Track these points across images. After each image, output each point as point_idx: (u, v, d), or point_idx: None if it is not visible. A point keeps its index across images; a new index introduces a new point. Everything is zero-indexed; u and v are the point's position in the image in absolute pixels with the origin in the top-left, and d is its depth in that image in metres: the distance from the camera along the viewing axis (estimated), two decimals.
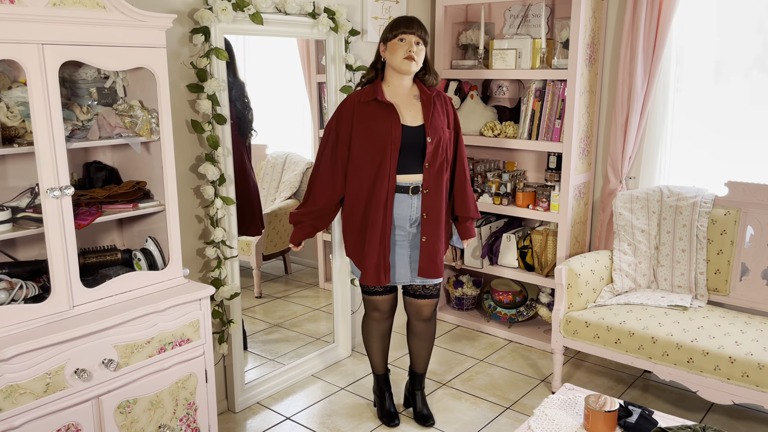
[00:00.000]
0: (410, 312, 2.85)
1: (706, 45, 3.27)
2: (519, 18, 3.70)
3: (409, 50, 2.53)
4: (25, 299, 1.99)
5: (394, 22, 2.58)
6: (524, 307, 3.86)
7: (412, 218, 2.63)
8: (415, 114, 2.61)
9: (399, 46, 2.54)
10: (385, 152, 2.54)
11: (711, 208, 3.12)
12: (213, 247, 2.77)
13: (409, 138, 2.57)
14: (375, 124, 2.55)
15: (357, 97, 2.61)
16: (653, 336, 2.80)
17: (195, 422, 2.34)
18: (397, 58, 2.54)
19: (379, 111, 2.57)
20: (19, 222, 2.00)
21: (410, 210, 2.62)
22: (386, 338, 2.92)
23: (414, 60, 2.54)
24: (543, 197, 3.54)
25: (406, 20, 2.56)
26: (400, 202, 2.61)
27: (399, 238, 2.66)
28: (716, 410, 3.03)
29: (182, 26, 2.59)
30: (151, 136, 2.21)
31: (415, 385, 2.96)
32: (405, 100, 2.62)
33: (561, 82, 3.40)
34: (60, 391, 1.93)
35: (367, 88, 2.63)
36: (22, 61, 1.81)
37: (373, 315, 2.85)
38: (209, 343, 2.35)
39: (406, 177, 2.60)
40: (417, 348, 2.90)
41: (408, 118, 2.60)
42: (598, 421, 1.95)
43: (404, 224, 2.64)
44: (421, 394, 2.95)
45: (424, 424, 2.89)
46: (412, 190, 2.60)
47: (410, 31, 2.53)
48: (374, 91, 2.58)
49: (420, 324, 2.84)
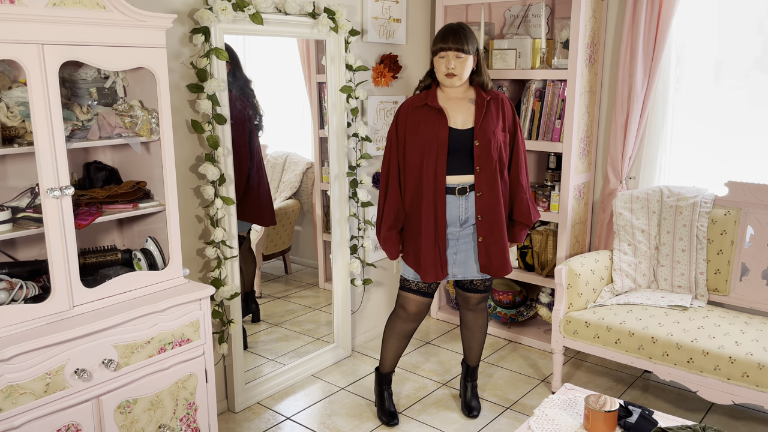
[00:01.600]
0: (460, 302, 2.96)
1: (706, 45, 3.27)
2: (519, 18, 3.70)
3: (447, 67, 2.57)
4: (25, 299, 1.99)
5: (437, 35, 2.61)
6: (524, 307, 3.86)
7: (462, 218, 2.67)
8: (467, 117, 2.65)
9: (440, 62, 2.59)
10: (432, 154, 2.60)
11: (711, 208, 3.12)
12: (213, 247, 2.77)
13: (459, 141, 2.61)
14: (424, 127, 2.61)
15: (410, 103, 2.69)
16: (653, 336, 2.80)
17: (195, 422, 2.34)
18: (439, 74, 2.62)
19: (429, 115, 2.62)
20: (19, 222, 2.00)
21: (459, 211, 2.66)
22: (404, 339, 2.92)
23: (455, 76, 2.58)
24: (543, 197, 3.54)
25: (443, 34, 2.58)
26: (449, 204, 2.65)
27: (449, 237, 2.70)
28: (716, 410, 3.03)
29: (182, 26, 2.59)
30: (151, 136, 2.21)
31: (466, 377, 3.06)
32: (458, 104, 2.66)
33: (561, 82, 3.40)
34: (60, 391, 1.93)
35: (421, 94, 2.69)
36: (22, 61, 1.81)
37: (399, 312, 2.87)
38: (209, 343, 2.35)
39: (455, 178, 2.64)
40: (467, 339, 3.01)
41: (459, 122, 2.64)
42: (598, 421, 1.95)
43: (454, 225, 2.68)
44: (473, 386, 3.05)
45: (470, 413, 2.99)
46: (458, 191, 2.63)
47: (446, 47, 2.55)
48: (426, 96, 2.65)
49: (469, 314, 2.95)
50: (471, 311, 2.94)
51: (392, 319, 2.91)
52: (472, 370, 3.05)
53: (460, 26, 2.60)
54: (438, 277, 2.69)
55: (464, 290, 2.90)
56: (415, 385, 3.28)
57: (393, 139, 2.71)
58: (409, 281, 2.79)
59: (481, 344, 3.01)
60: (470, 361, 3.04)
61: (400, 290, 2.85)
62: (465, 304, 2.94)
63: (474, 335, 2.98)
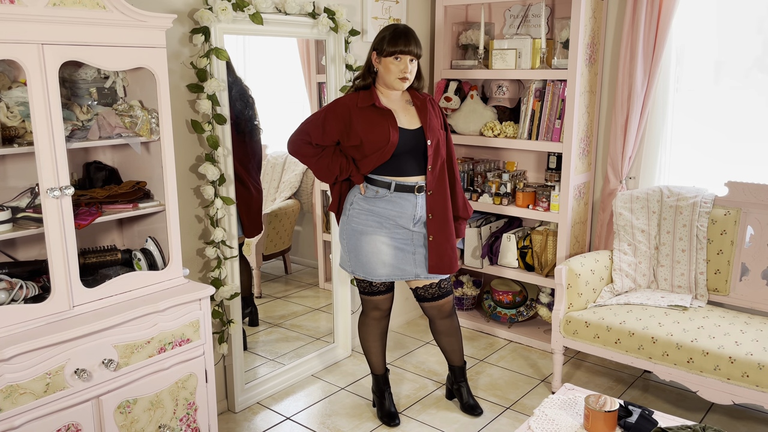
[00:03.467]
0: (431, 314, 2.88)
1: (706, 45, 3.27)
2: (519, 18, 3.70)
3: (403, 71, 2.54)
4: (25, 299, 1.99)
5: (390, 37, 2.54)
6: (524, 307, 3.86)
7: (416, 217, 2.67)
8: (411, 118, 2.65)
9: (394, 64, 2.55)
10: (383, 156, 2.58)
11: (711, 208, 3.12)
12: (213, 247, 2.77)
13: (408, 141, 2.61)
14: (374, 129, 2.58)
15: (353, 102, 2.62)
16: (653, 336, 2.80)
17: (195, 422, 2.34)
18: (391, 77, 2.57)
19: (377, 116, 2.59)
20: (19, 222, 1.99)
21: (414, 209, 2.65)
22: (384, 337, 2.95)
23: (407, 80, 2.58)
24: (543, 197, 3.54)
25: (404, 37, 2.53)
26: (406, 201, 2.64)
27: (401, 237, 2.68)
28: (716, 410, 3.03)
29: (182, 26, 2.59)
30: (151, 136, 2.21)
31: (458, 378, 3.03)
32: (399, 105, 2.66)
33: (561, 82, 3.40)
34: (60, 391, 1.93)
35: (363, 94, 2.63)
36: (22, 61, 1.81)
37: (373, 314, 2.86)
38: (209, 343, 2.35)
39: (412, 178, 2.65)
40: (447, 344, 2.96)
41: (405, 122, 2.63)
42: (598, 421, 1.95)
43: (408, 224, 2.67)
44: (466, 386, 3.03)
45: (472, 413, 2.97)
46: (417, 189, 2.64)
47: (407, 51, 2.53)
48: (371, 97, 2.60)
49: (443, 322, 2.90)
50: (444, 319, 2.88)
51: (366, 324, 2.91)
52: (461, 370, 3.02)
53: (409, 29, 2.58)
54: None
55: (434, 299, 2.82)
56: (415, 385, 3.28)
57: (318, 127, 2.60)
58: (373, 284, 2.78)
59: (461, 342, 2.97)
60: (456, 362, 2.99)
61: (363, 295, 2.84)
62: (439, 314, 2.86)
63: (453, 338, 2.94)
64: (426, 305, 2.85)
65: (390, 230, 2.68)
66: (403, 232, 2.69)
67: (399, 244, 2.69)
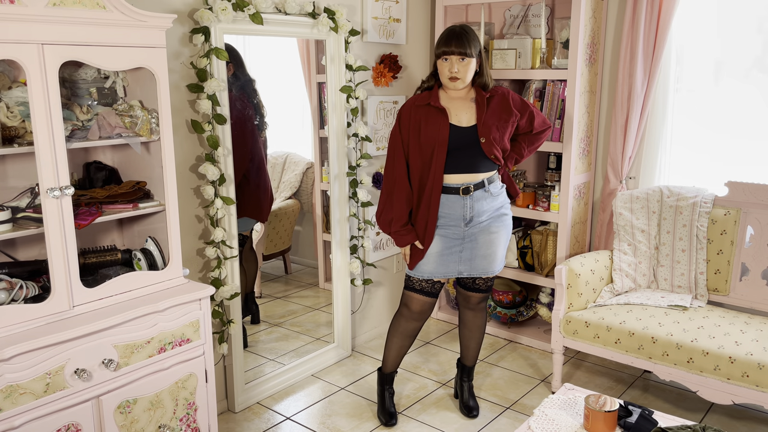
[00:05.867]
0: (461, 301, 2.98)
1: (706, 45, 3.27)
2: (519, 18, 3.70)
3: (451, 71, 2.57)
4: (25, 299, 1.99)
5: (441, 39, 2.60)
6: (524, 307, 3.86)
7: (467, 217, 2.68)
8: (470, 116, 2.67)
9: (443, 65, 2.59)
10: (433, 153, 2.61)
11: (711, 208, 3.12)
12: (213, 247, 2.77)
13: (462, 138, 2.63)
14: (426, 127, 2.62)
15: (413, 102, 2.69)
16: (653, 336, 2.80)
17: (195, 422, 2.34)
18: (443, 78, 2.62)
19: (431, 115, 2.63)
20: (19, 222, 1.99)
21: (463, 210, 2.67)
22: (407, 339, 2.91)
23: (458, 79, 2.59)
24: (543, 197, 3.54)
25: (446, 37, 2.58)
26: (453, 203, 2.66)
27: (451, 235, 2.69)
28: (716, 410, 3.03)
29: (182, 26, 2.59)
30: (151, 136, 2.21)
31: (463, 377, 3.07)
32: (460, 104, 2.68)
33: (561, 82, 3.40)
34: (60, 391, 1.93)
35: (424, 94, 2.69)
36: (22, 61, 1.81)
37: (403, 311, 2.87)
38: (209, 343, 2.35)
39: (457, 177, 2.65)
40: (465, 338, 3.01)
41: (464, 120, 2.65)
42: (598, 421, 1.95)
43: (459, 224, 2.68)
44: (469, 386, 3.06)
45: (469, 414, 2.99)
46: (462, 190, 2.64)
47: (450, 51, 2.55)
48: (429, 96, 2.65)
49: (468, 313, 2.96)
50: (471, 310, 2.95)
51: (396, 318, 2.92)
52: (469, 370, 3.05)
53: (463, 29, 2.59)
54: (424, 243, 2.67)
55: (466, 289, 2.91)
56: (415, 385, 3.28)
57: (397, 137, 2.70)
58: (413, 280, 2.79)
59: (479, 344, 3.01)
60: (467, 361, 3.04)
61: (404, 290, 2.86)
62: (465, 303, 2.95)
63: (473, 334, 2.99)
64: (459, 289, 2.95)
65: (441, 228, 2.69)
66: (455, 230, 2.69)
67: (448, 243, 2.70)
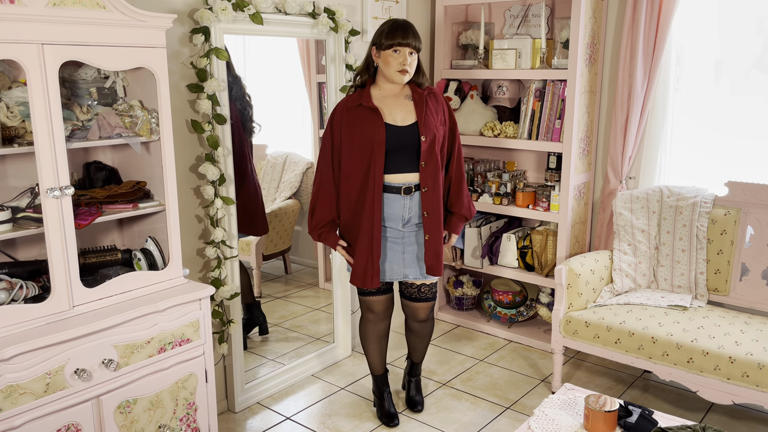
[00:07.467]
0: (407, 313, 2.90)
1: (706, 45, 3.27)
2: (519, 18, 3.70)
3: (402, 63, 2.52)
4: (25, 299, 1.99)
5: (389, 30, 2.53)
6: (524, 307, 3.86)
7: (405, 218, 2.64)
8: (407, 113, 2.61)
9: (393, 57, 2.53)
10: (371, 155, 2.55)
11: (711, 208, 3.12)
12: (213, 247, 2.77)
13: (401, 137, 2.57)
14: (360, 128, 2.56)
15: (344, 104, 2.63)
16: (653, 336, 2.80)
17: (195, 422, 2.34)
18: (391, 70, 2.54)
19: (365, 116, 2.57)
20: (19, 222, 1.99)
21: (402, 210, 2.62)
22: (383, 339, 2.93)
23: (407, 72, 2.55)
24: (543, 197, 3.54)
25: (402, 30, 2.52)
26: (393, 202, 2.61)
27: (391, 235, 2.66)
28: (716, 410, 3.03)
29: (182, 26, 2.59)
30: (151, 136, 2.21)
31: (411, 373, 3.09)
32: (396, 101, 2.62)
33: (561, 82, 3.40)
34: (60, 391, 1.93)
35: (355, 95, 2.63)
36: (22, 61, 1.81)
37: (368, 316, 2.86)
38: (209, 343, 2.35)
39: (398, 177, 2.59)
40: (414, 343, 2.99)
41: (399, 118, 2.59)
42: (598, 421, 1.95)
43: (396, 225, 2.65)
44: (416, 381, 3.08)
45: (413, 408, 3.02)
46: (404, 190, 2.60)
47: (405, 43, 2.51)
48: (360, 97, 2.59)
49: (417, 324, 2.91)
50: (420, 322, 2.89)
51: (363, 325, 2.90)
52: (416, 366, 3.06)
53: (409, 23, 2.56)
54: (365, 285, 2.62)
55: (413, 300, 2.83)
56: None
57: (327, 141, 2.64)
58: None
59: (427, 345, 3.00)
60: (415, 359, 3.04)
61: (359, 295, 2.83)
62: (414, 316, 2.87)
63: (422, 340, 2.96)
64: (404, 302, 2.87)
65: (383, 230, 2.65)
66: (394, 231, 2.66)
67: (390, 244, 2.67)
